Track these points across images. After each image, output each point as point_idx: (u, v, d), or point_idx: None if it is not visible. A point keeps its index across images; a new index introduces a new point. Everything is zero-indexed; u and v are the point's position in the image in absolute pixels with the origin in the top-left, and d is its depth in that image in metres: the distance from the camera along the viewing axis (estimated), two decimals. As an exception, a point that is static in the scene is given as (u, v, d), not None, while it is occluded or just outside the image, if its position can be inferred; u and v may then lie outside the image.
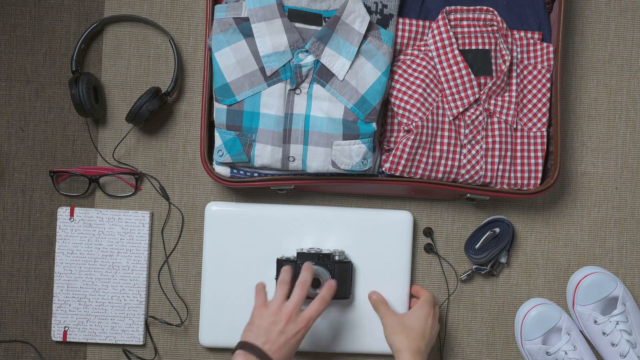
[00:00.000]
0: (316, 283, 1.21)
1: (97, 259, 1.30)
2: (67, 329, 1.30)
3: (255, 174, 1.25)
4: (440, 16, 1.26)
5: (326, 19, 1.22)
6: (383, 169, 1.26)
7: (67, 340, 1.31)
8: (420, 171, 1.25)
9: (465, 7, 1.27)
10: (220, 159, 1.23)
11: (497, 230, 1.30)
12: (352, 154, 1.21)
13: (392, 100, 1.25)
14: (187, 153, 1.34)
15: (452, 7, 1.27)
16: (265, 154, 1.22)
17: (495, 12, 1.27)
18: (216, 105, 1.23)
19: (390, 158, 1.25)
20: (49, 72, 1.34)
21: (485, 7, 1.27)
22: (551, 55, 1.27)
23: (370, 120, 1.22)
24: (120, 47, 1.34)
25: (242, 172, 1.25)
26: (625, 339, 1.25)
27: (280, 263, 1.22)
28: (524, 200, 1.34)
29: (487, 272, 1.33)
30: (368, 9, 1.23)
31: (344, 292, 1.24)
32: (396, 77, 1.25)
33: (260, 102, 1.22)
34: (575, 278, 1.30)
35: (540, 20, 1.29)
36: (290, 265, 1.21)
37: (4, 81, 1.34)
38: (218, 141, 1.23)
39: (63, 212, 1.30)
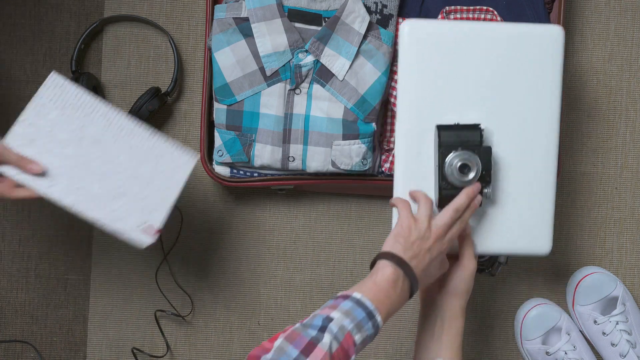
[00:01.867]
0: (465, 169, 1.06)
1: None
2: None
3: (255, 174, 1.25)
4: (440, 16, 1.26)
5: (326, 19, 1.22)
6: (383, 169, 1.26)
7: None
8: (420, 171, 1.25)
9: (465, 7, 1.27)
10: (220, 159, 1.23)
11: (497, 230, 1.30)
12: (352, 154, 1.21)
13: (392, 100, 1.25)
14: (187, 153, 1.34)
15: (452, 7, 1.27)
16: (265, 154, 1.22)
17: (495, 12, 1.27)
18: (216, 105, 1.23)
19: (390, 158, 1.25)
20: (49, 72, 1.33)
21: (485, 7, 1.27)
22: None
23: (370, 120, 1.22)
24: (120, 47, 1.34)
25: (242, 172, 1.25)
26: (625, 339, 1.25)
27: (441, 129, 1.07)
28: (523, 200, 1.34)
29: (487, 272, 1.33)
30: (368, 9, 1.23)
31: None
32: (396, 77, 1.25)
33: (260, 102, 1.22)
34: (575, 278, 1.30)
35: (540, 20, 1.29)
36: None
37: (4, 81, 1.34)
38: (218, 141, 1.23)
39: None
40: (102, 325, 1.34)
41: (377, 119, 1.24)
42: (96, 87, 1.30)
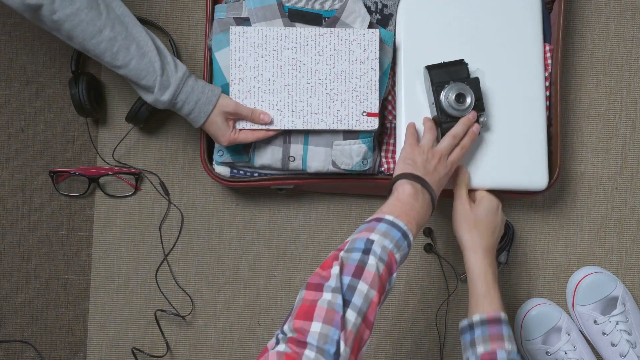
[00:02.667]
0: (461, 98, 1.15)
1: None
2: None
3: (255, 174, 1.25)
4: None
5: (326, 19, 1.22)
6: (382, 169, 1.26)
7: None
8: (420, 171, 1.25)
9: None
10: (220, 158, 1.23)
11: (497, 230, 1.30)
12: (352, 154, 1.21)
13: (391, 99, 1.25)
14: (187, 153, 1.34)
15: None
16: (265, 154, 1.22)
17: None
18: (216, 105, 1.23)
19: (386, 163, 1.25)
20: (49, 72, 1.34)
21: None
22: (548, 55, 1.27)
23: (370, 120, 1.22)
24: (120, 47, 1.34)
25: (242, 172, 1.25)
26: (625, 339, 1.25)
27: (430, 68, 1.17)
28: (524, 200, 1.34)
29: (487, 272, 1.33)
30: (368, 8, 1.23)
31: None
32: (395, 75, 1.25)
33: (261, 102, 1.22)
34: (575, 278, 1.30)
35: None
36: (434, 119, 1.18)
37: (4, 81, 1.34)
38: (218, 141, 1.23)
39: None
40: (102, 325, 1.34)
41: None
42: (96, 87, 1.30)
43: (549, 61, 1.27)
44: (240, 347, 1.34)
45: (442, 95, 1.15)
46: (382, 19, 1.23)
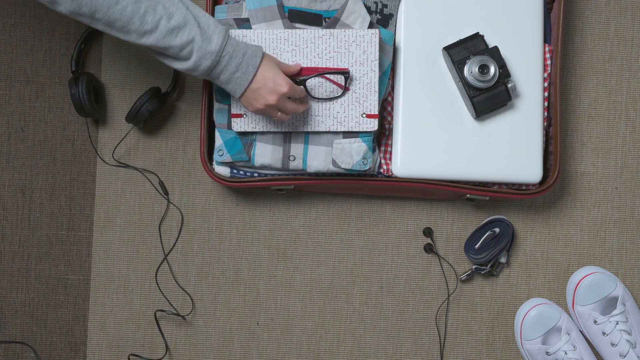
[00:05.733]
0: (484, 69, 1.17)
1: None
2: None
3: (255, 174, 1.25)
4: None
5: (326, 19, 1.22)
6: (381, 170, 1.26)
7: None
8: (420, 171, 1.25)
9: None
10: (220, 158, 1.23)
11: (497, 230, 1.30)
12: (352, 153, 1.21)
13: (391, 100, 1.25)
14: (187, 153, 1.34)
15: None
16: (266, 154, 1.22)
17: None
18: (217, 105, 1.23)
19: (384, 166, 1.25)
20: (49, 72, 1.34)
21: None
22: (548, 55, 1.27)
23: (371, 121, 1.22)
24: (120, 47, 1.34)
25: (242, 172, 1.25)
26: (625, 339, 1.25)
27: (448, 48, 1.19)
28: (523, 200, 1.34)
29: (487, 272, 1.33)
30: (368, 8, 1.23)
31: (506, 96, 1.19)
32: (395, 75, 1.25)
33: (261, 102, 1.22)
34: (575, 278, 1.30)
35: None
36: None
37: (4, 81, 1.34)
38: (218, 141, 1.23)
39: None
40: (102, 325, 1.34)
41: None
42: (96, 87, 1.30)
43: (549, 62, 1.27)
44: (240, 347, 1.34)
45: (465, 70, 1.17)
46: (382, 19, 1.23)
